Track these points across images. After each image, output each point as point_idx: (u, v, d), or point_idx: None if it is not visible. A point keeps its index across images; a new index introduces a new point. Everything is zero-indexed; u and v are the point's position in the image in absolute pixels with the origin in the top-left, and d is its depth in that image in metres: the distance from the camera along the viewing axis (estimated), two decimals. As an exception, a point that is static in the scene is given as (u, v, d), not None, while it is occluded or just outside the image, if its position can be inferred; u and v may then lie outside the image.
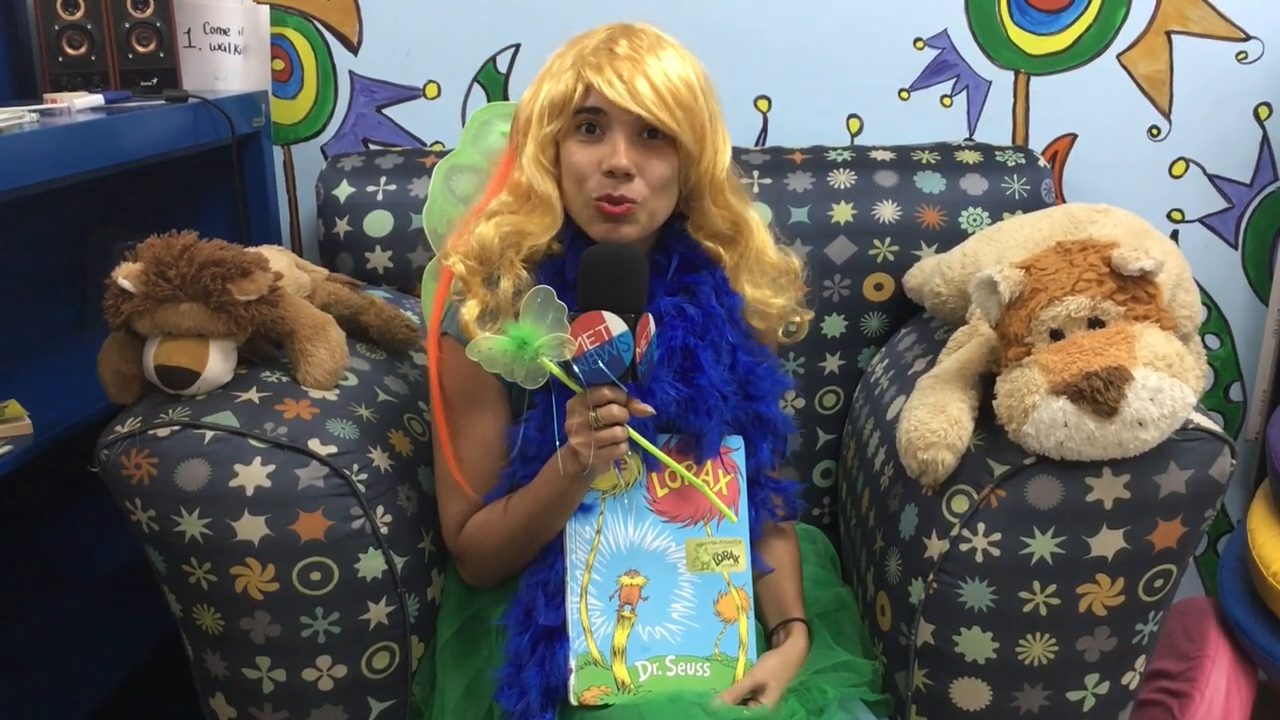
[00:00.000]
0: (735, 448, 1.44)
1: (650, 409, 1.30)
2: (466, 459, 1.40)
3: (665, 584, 1.38)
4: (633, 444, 1.30)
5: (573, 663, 1.34)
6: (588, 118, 1.33)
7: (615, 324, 1.24)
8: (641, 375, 1.27)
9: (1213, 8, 1.96)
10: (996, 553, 1.31)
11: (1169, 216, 2.05)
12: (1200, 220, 2.05)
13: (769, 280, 1.44)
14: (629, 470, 1.39)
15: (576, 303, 1.27)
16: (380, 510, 1.38)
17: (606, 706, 1.33)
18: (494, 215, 1.36)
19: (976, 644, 1.33)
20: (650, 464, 1.39)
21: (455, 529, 1.42)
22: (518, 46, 2.03)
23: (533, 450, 1.37)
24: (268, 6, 2.02)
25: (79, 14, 1.81)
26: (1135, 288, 1.29)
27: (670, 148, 1.33)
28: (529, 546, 1.39)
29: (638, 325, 1.25)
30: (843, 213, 1.86)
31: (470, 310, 1.32)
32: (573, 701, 1.33)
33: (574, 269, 1.32)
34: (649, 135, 1.32)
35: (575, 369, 1.25)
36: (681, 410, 1.37)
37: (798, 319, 1.49)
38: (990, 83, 2.02)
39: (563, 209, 1.36)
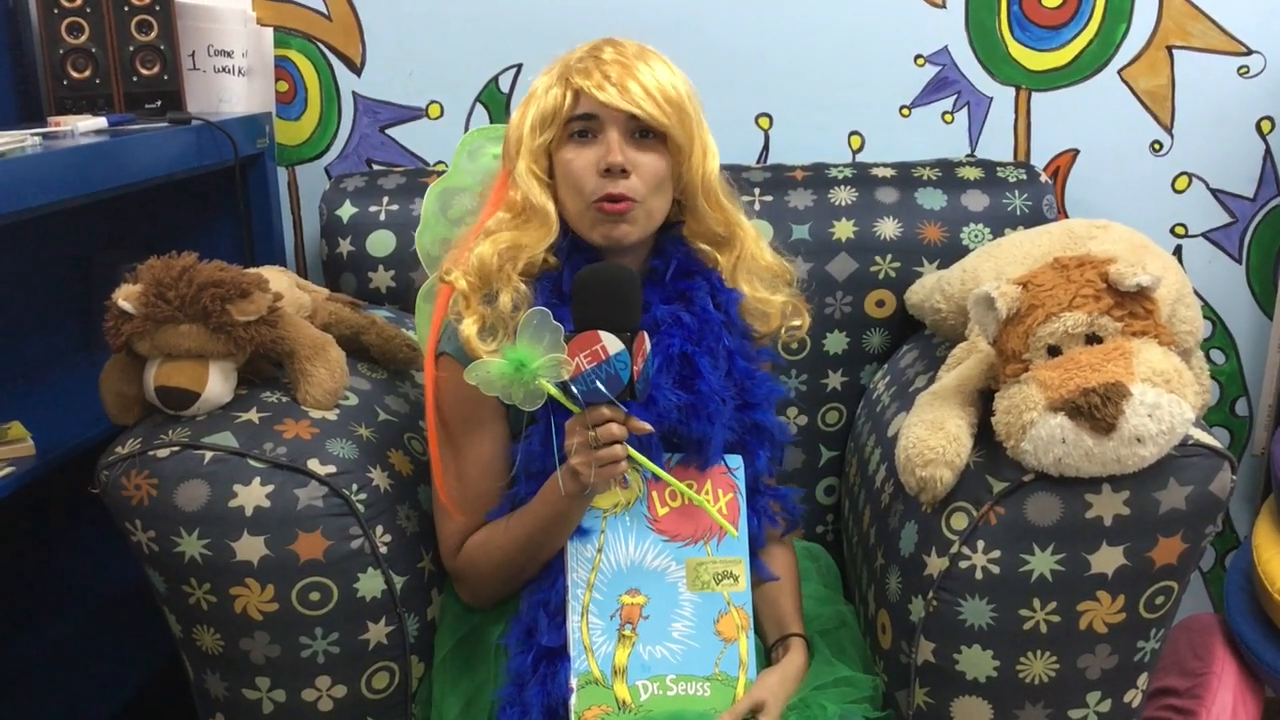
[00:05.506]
0: (735, 467, 1.44)
1: (649, 427, 1.30)
2: (466, 478, 1.40)
3: (666, 603, 1.38)
4: (633, 462, 1.31)
5: (574, 682, 1.34)
6: (580, 125, 1.36)
7: (612, 343, 1.24)
8: (639, 393, 1.27)
9: (1214, 22, 1.96)
10: (996, 570, 1.30)
11: (1172, 231, 2.05)
12: (1204, 235, 2.05)
13: (765, 282, 1.47)
14: (630, 489, 1.39)
15: (571, 322, 1.28)
16: (379, 530, 1.38)
17: None
18: (492, 233, 1.38)
19: (977, 662, 1.33)
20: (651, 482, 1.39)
21: (454, 549, 1.42)
22: (519, 66, 2.04)
23: (536, 466, 1.37)
24: (272, 29, 2.03)
25: (83, 38, 1.83)
26: (1133, 303, 1.29)
27: (662, 146, 1.37)
28: (528, 566, 1.39)
29: (633, 343, 1.25)
30: (844, 229, 1.86)
31: (469, 327, 1.34)
32: None
33: (570, 282, 1.33)
34: (640, 135, 1.36)
35: (573, 389, 1.25)
36: (683, 416, 1.37)
37: (798, 322, 1.50)
38: (991, 99, 2.02)
39: (559, 221, 1.38)
